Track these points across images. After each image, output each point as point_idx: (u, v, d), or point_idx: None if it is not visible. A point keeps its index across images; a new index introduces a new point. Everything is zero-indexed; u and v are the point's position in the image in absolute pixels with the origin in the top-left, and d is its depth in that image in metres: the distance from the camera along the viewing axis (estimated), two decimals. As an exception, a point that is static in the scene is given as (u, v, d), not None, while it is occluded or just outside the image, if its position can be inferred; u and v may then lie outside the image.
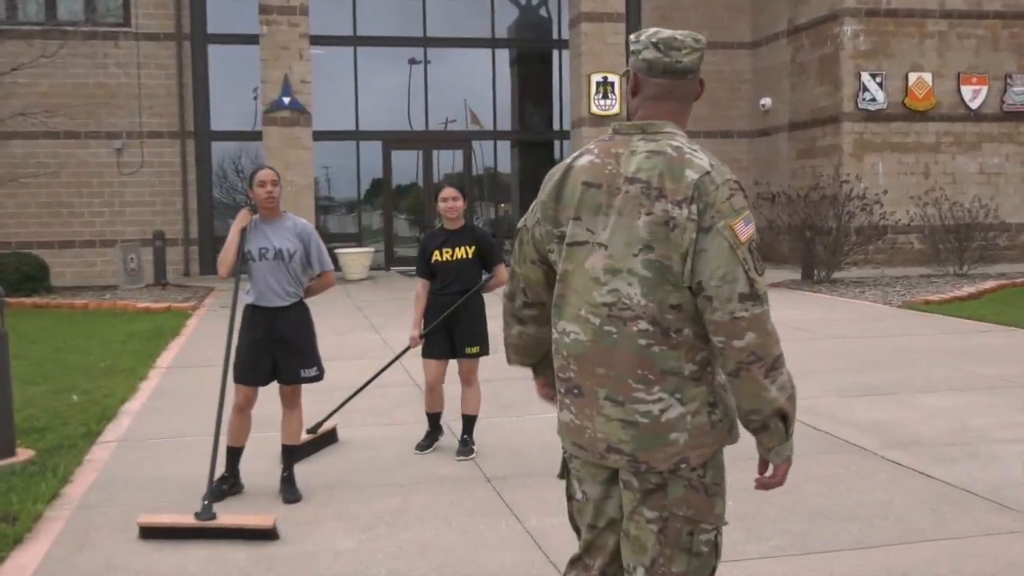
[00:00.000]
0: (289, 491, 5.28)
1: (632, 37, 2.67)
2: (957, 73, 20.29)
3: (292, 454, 5.45)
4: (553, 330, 2.67)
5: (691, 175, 2.46)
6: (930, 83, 20.15)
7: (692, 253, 2.42)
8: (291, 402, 5.43)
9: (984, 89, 20.34)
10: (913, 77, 20.08)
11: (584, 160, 2.63)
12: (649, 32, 2.64)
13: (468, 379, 6.16)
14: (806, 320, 12.19)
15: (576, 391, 2.60)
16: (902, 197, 19.69)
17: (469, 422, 6.18)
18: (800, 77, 21.34)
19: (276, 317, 5.28)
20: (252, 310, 5.33)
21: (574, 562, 2.81)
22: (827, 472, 5.63)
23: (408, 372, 8.48)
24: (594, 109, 20.32)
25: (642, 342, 2.47)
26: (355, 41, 21.65)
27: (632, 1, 21.82)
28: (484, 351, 6.13)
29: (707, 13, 22.62)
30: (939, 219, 18.11)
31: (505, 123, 23.10)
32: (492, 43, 22.48)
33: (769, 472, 2.57)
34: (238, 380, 5.34)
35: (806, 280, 17.03)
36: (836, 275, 17.14)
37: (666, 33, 2.62)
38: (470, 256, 6.00)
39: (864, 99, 19.91)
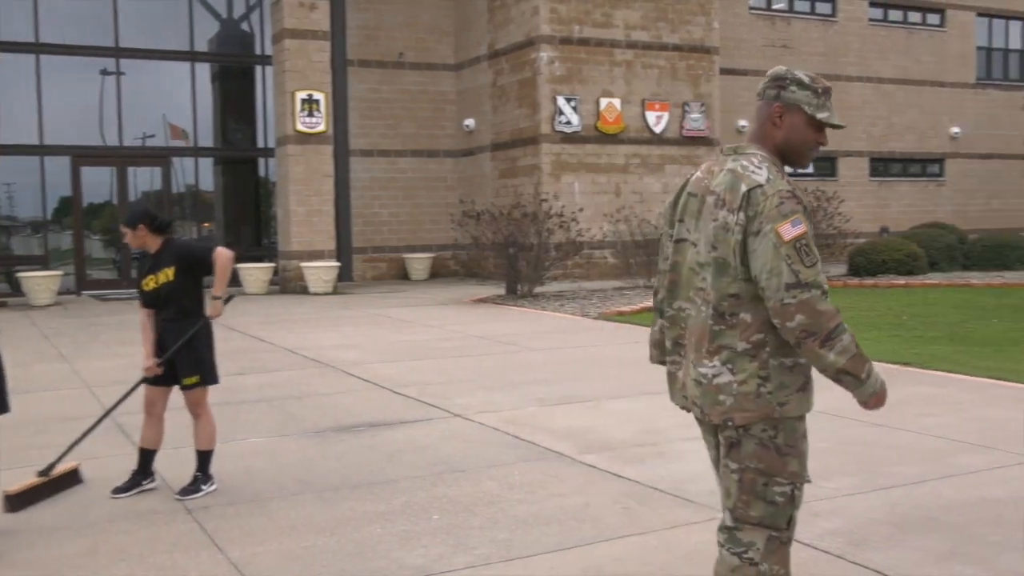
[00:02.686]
0: None
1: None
2: (642, 100, 21.81)
3: None
4: (670, 308, 3.26)
5: (743, 188, 2.97)
6: (619, 108, 21.52)
7: (739, 252, 2.96)
8: None
9: (666, 115, 22.00)
10: (604, 102, 21.36)
11: (695, 175, 3.24)
12: None
13: (194, 411, 5.73)
14: (510, 334, 12.63)
15: (685, 353, 3.19)
16: (596, 215, 20.87)
17: (201, 458, 5.73)
18: (501, 100, 22.13)
19: None
20: None
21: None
22: (528, 480, 5.83)
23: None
24: (299, 127, 20.08)
25: (708, 321, 3.05)
26: (37, 48, 20.16)
27: (337, 20, 21.77)
28: (205, 380, 5.72)
29: (411, 35, 23.02)
30: (629, 235, 19.35)
31: (207, 140, 22.34)
32: (192, 56, 21.67)
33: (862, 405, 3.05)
34: None
35: (510, 295, 17.63)
36: (538, 289, 17.85)
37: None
38: (172, 279, 5.61)
39: (560, 122, 20.95)
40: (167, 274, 5.61)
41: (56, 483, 5.74)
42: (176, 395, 5.80)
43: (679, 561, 4.46)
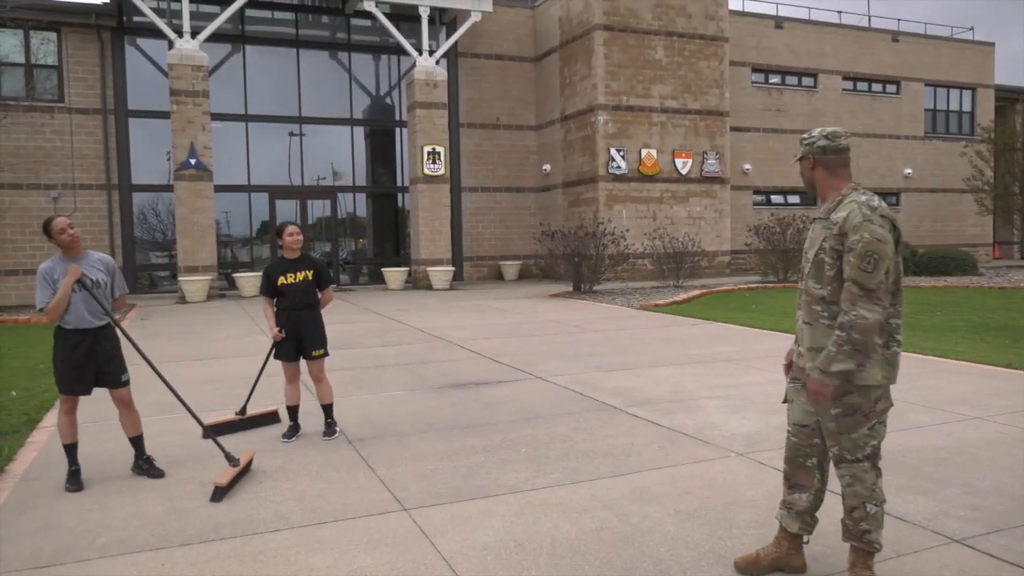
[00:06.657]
0: (152, 471, 4.76)
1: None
2: (672, 150, 21.42)
3: (140, 442, 4.84)
4: (893, 309, 3.23)
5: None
6: (655, 156, 21.19)
7: None
8: (128, 403, 4.78)
9: (690, 161, 21.58)
10: (644, 152, 21.06)
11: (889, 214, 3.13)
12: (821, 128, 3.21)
13: (318, 376, 5.66)
14: (575, 319, 12.53)
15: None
16: (638, 234, 20.60)
17: (327, 409, 5.70)
18: (570, 150, 21.99)
19: (96, 336, 4.60)
20: (71, 333, 4.57)
21: None
22: (590, 424, 5.77)
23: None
24: (426, 171, 20.23)
25: None
26: (247, 118, 20.72)
27: (452, 96, 21.92)
28: (326, 352, 5.70)
29: (504, 105, 23.01)
30: (663, 248, 19.05)
31: (361, 180, 22.67)
32: (351, 122, 22.03)
33: None
34: (66, 392, 4.59)
35: (576, 291, 17.51)
36: (596, 288, 17.70)
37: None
38: (310, 279, 5.61)
39: (612, 167, 20.72)
40: (307, 275, 5.58)
41: (250, 420, 5.86)
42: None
43: (701, 487, 4.37)
